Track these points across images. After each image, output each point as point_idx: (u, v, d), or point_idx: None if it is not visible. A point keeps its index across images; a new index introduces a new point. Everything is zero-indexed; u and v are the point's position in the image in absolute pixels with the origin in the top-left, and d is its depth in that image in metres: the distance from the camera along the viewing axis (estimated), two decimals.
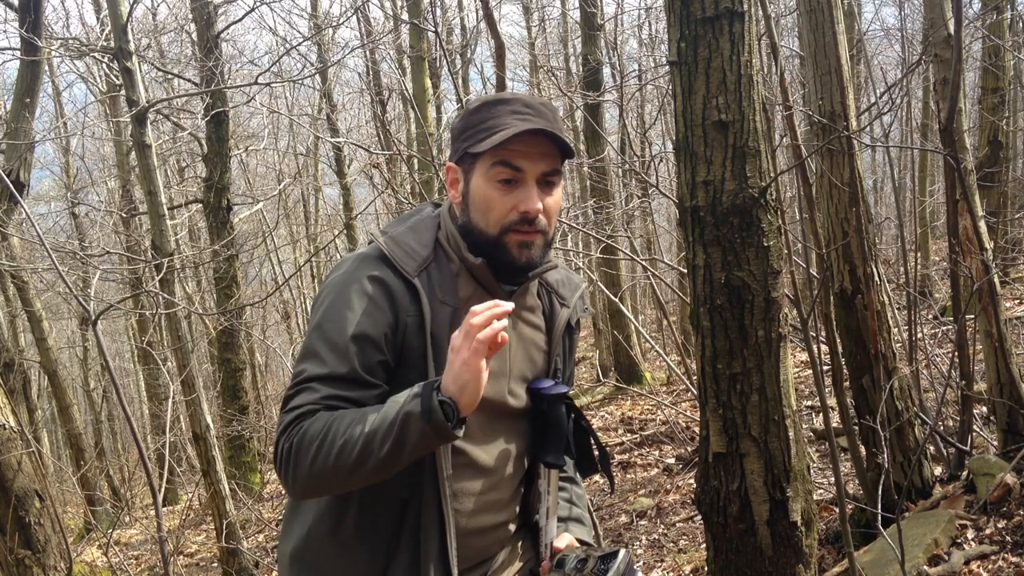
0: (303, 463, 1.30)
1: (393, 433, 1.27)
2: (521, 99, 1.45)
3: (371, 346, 1.36)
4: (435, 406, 1.26)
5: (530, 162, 1.41)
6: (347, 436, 1.28)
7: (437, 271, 1.45)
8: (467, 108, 1.49)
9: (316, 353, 1.36)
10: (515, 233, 1.42)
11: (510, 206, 1.41)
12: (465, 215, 1.46)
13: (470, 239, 1.46)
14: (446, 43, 11.65)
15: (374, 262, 1.43)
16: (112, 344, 18.16)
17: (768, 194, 2.36)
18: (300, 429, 1.31)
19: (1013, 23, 8.08)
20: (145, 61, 9.96)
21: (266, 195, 13.90)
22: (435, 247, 1.48)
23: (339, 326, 1.36)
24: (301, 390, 1.35)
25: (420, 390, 1.30)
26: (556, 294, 1.61)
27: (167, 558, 3.17)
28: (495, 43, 4.00)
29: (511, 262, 1.43)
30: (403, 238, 1.47)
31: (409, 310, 1.39)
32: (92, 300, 6.18)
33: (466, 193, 1.46)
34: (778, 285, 2.40)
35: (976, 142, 7.32)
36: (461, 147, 1.46)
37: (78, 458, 10.73)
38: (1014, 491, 3.41)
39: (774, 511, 2.44)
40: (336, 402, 1.34)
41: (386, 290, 1.39)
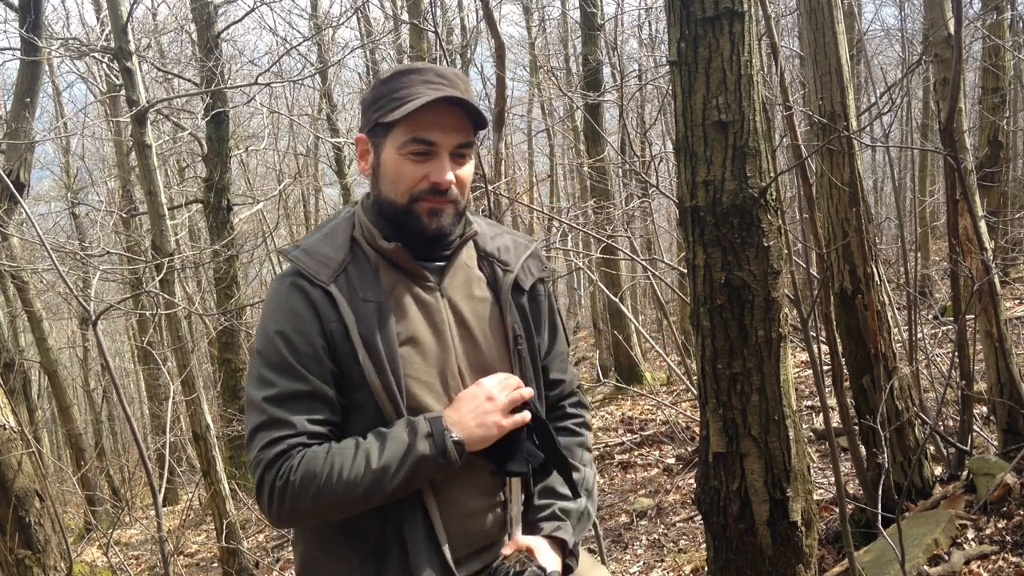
0: (302, 498, 1.32)
1: (404, 471, 1.32)
2: (433, 69, 1.42)
3: (312, 359, 1.37)
4: (451, 449, 1.34)
5: (443, 134, 1.40)
6: (353, 474, 1.32)
7: (356, 270, 1.44)
8: (378, 78, 1.46)
9: (264, 378, 1.37)
10: (425, 201, 1.41)
11: (421, 175, 1.40)
12: (376, 187, 1.46)
13: (382, 212, 1.45)
14: (446, 43, 11.64)
15: (292, 278, 1.42)
16: (112, 344, 18.17)
17: (768, 194, 2.36)
18: (291, 467, 1.32)
19: (1013, 23, 8.08)
20: (145, 61, 9.96)
21: (266, 195, 13.90)
22: (351, 246, 1.46)
23: (274, 346, 1.37)
24: (269, 422, 1.35)
25: (430, 429, 1.34)
26: (498, 261, 1.56)
27: (167, 558, 3.17)
28: (495, 43, 4.00)
29: (421, 230, 1.42)
30: (316, 247, 1.46)
31: (331, 317, 1.39)
32: (92, 300, 6.17)
33: (376, 166, 1.45)
34: (778, 285, 2.40)
35: (976, 142, 7.32)
36: (371, 118, 1.44)
37: (78, 458, 10.73)
38: (1014, 491, 3.41)
39: (774, 511, 2.44)
40: (311, 427, 1.35)
41: (308, 302, 1.39)
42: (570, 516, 1.55)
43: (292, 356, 1.36)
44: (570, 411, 1.66)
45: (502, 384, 1.41)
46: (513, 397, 1.40)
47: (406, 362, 1.41)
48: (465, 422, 1.37)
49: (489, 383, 1.41)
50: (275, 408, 1.35)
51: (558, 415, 1.65)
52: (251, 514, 7.34)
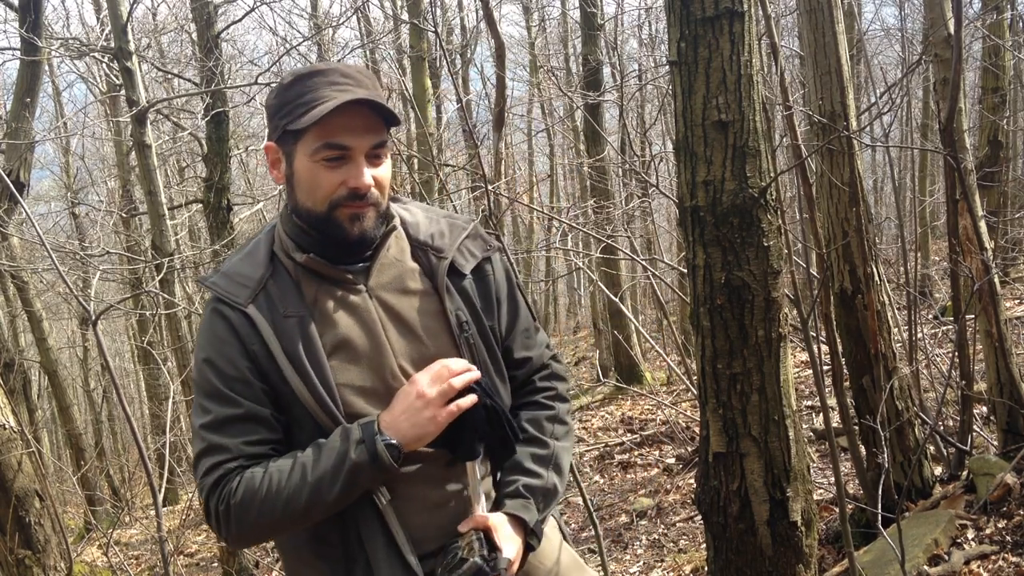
0: (245, 520, 1.33)
1: (340, 481, 1.31)
2: (338, 69, 1.38)
3: (241, 383, 1.36)
4: (382, 452, 1.31)
5: (355, 137, 1.35)
6: (290, 489, 1.31)
7: (276, 286, 1.41)
8: (281, 83, 1.41)
9: (201, 406, 1.38)
10: (344, 207, 1.37)
11: (338, 182, 1.36)
12: (292, 197, 1.42)
13: (301, 221, 1.42)
14: (446, 43, 11.65)
15: (213, 304, 1.42)
16: (112, 344, 18.17)
17: (768, 194, 2.36)
18: (231, 489, 1.33)
19: (1013, 23, 8.08)
20: (145, 61, 9.96)
21: (266, 195, 13.89)
22: (271, 262, 1.44)
23: (204, 374, 1.38)
24: (208, 448, 1.36)
25: (361, 435, 1.32)
26: (432, 249, 1.50)
27: (167, 558, 3.17)
28: (495, 43, 4.00)
29: (344, 237, 1.39)
30: (234, 269, 1.44)
31: (252, 339, 1.37)
32: (92, 300, 6.18)
33: (290, 175, 1.40)
34: (778, 285, 2.40)
35: (976, 142, 7.32)
36: (279, 124, 1.38)
37: (78, 458, 10.72)
38: (1014, 491, 3.41)
39: (774, 511, 2.44)
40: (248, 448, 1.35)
41: (228, 327, 1.38)
42: (534, 493, 1.50)
43: (220, 382, 1.36)
44: (540, 385, 1.61)
45: (434, 377, 1.37)
46: (444, 389, 1.36)
47: (338, 371, 1.39)
48: (398, 423, 1.35)
49: (421, 378, 1.38)
50: (212, 434, 1.35)
51: (528, 390, 1.60)
52: None
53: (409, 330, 1.45)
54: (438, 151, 11.35)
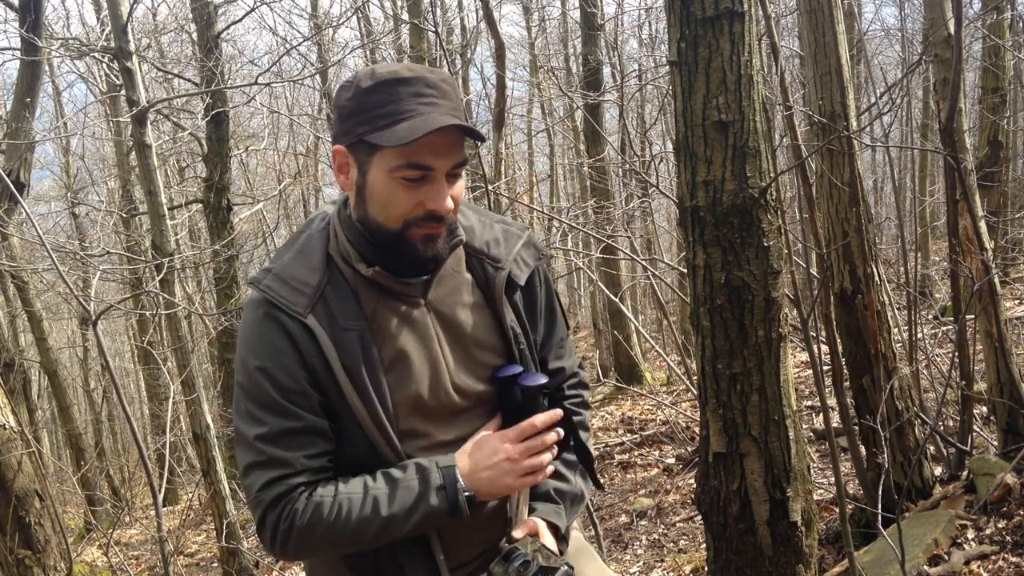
0: (308, 542, 1.31)
1: (413, 522, 1.30)
2: (423, 77, 1.28)
3: (298, 395, 1.31)
4: (463, 505, 1.31)
5: (439, 158, 1.28)
6: (360, 521, 1.29)
7: (335, 293, 1.34)
8: (358, 84, 1.30)
9: (252, 414, 1.32)
10: (419, 227, 1.31)
11: (415, 202, 1.30)
12: (361, 208, 1.34)
13: (368, 233, 1.34)
14: (446, 43, 11.64)
15: (265, 308, 1.33)
16: (112, 344, 18.17)
17: (768, 194, 2.36)
18: (296, 510, 1.30)
19: (1013, 23, 8.08)
20: (145, 61, 9.96)
21: (266, 195, 13.90)
22: (327, 265, 1.36)
23: (257, 383, 1.31)
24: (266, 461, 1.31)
25: (444, 483, 1.30)
26: (488, 258, 1.44)
27: (167, 558, 3.17)
28: (495, 43, 4.00)
29: (417, 257, 1.33)
30: (289, 270, 1.35)
31: (311, 351, 1.31)
32: (92, 300, 6.17)
33: (362, 185, 1.32)
34: (778, 285, 2.40)
35: (976, 142, 7.31)
36: (355, 131, 1.30)
37: (78, 458, 10.73)
38: (1014, 491, 3.41)
39: (774, 511, 2.44)
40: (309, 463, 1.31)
41: (285, 335, 1.31)
42: (564, 498, 1.50)
43: (278, 393, 1.30)
44: (568, 392, 1.60)
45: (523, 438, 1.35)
46: (533, 463, 1.34)
47: (393, 387, 1.35)
48: (478, 477, 1.33)
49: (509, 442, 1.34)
50: (269, 447, 1.30)
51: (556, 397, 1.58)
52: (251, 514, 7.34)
53: (464, 345, 1.42)
54: None
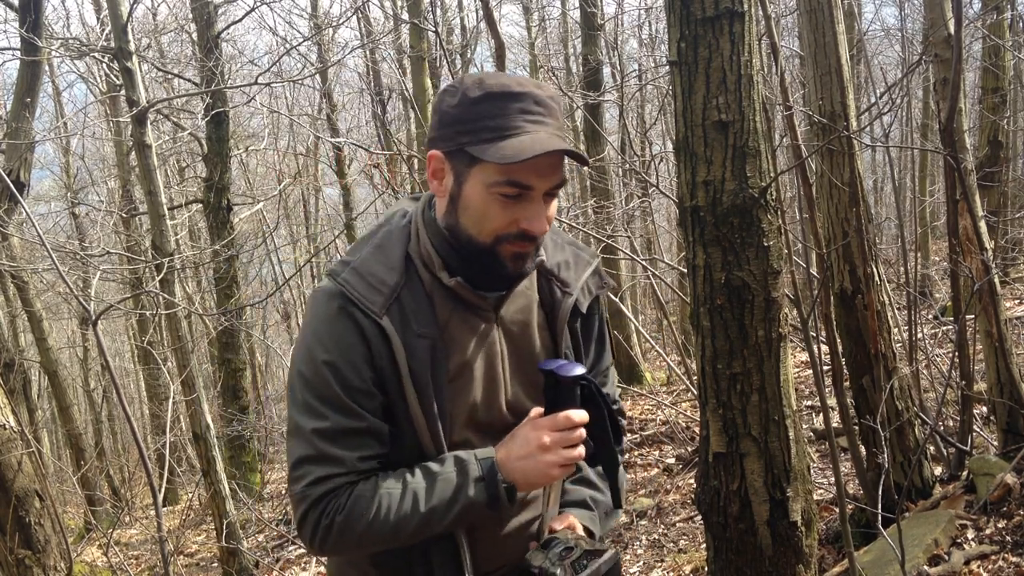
0: (349, 539, 1.29)
1: (453, 516, 1.29)
2: (531, 94, 1.26)
3: (362, 394, 1.29)
4: (502, 496, 1.29)
5: (540, 179, 1.26)
6: (400, 516, 1.28)
7: (410, 296, 1.31)
8: (464, 93, 1.27)
9: (311, 406, 1.30)
10: (511, 244, 1.29)
11: (510, 219, 1.27)
12: (452, 217, 1.31)
13: (454, 243, 1.32)
14: (446, 43, 11.64)
15: (339, 302, 1.30)
16: (112, 344, 18.17)
17: (768, 194, 2.36)
18: (338, 507, 1.28)
19: (1013, 23, 8.08)
20: (145, 61, 9.96)
21: (266, 195, 13.90)
22: (406, 266, 1.34)
23: (323, 377, 1.29)
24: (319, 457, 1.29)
25: (483, 473, 1.29)
26: (557, 280, 1.43)
27: (167, 558, 3.17)
28: (495, 43, 4.00)
29: (504, 273, 1.31)
30: (367, 266, 1.32)
31: (382, 351, 1.29)
32: (92, 300, 6.17)
33: (456, 195, 1.29)
34: (778, 285, 2.40)
35: (976, 142, 7.32)
36: (457, 140, 1.27)
37: (78, 458, 10.73)
38: (1014, 491, 3.41)
39: (774, 511, 2.44)
40: (361, 464, 1.30)
41: (358, 333, 1.29)
42: (599, 507, 1.49)
43: (343, 391, 1.28)
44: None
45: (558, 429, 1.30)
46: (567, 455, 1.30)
47: (453, 398, 1.34)
48: (513, 468, 1.30)
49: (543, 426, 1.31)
50: (325, 443, 1.28)
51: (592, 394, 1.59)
52: (251, 514, 7.35)
53: (524, 366, 1.41)
54: None
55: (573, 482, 1.52)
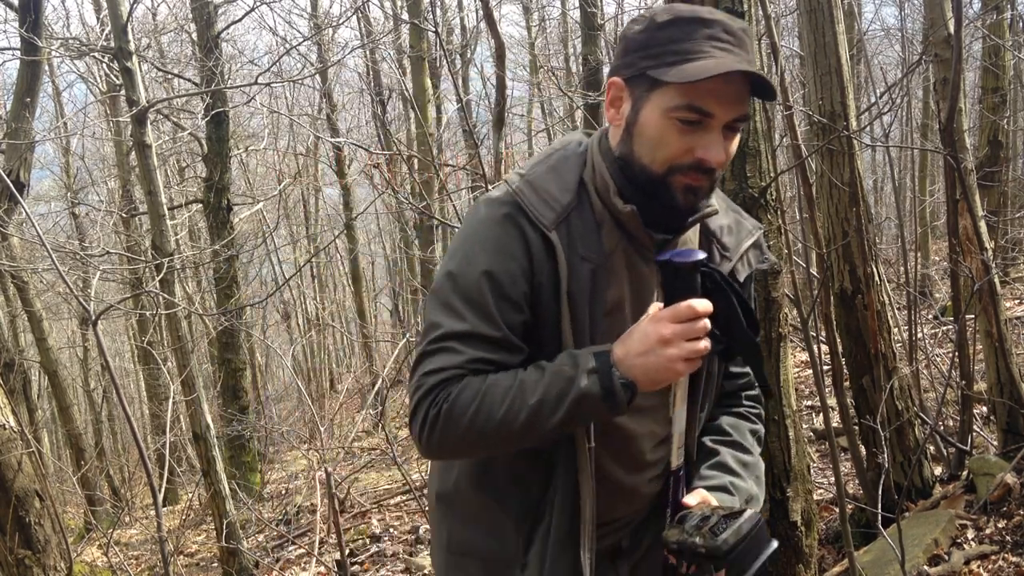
0: (454, 430, 1.23)
1: (564, 408, 1.19)
2: (722, 22, 1.20)
3: (511, 304, 1.24)
4: (618, 390, 1.18)
5: (722, 106, 1.19)
6: (509, 406, 1.21)
7: (579, 220, 1.27)
8: (652, 19, 1.23)
9: (453, 307, 1.25)
10: (684, 175, 1.22)
11: (686, 148, 1.20)
12: (626, 145, 1.26)
13: (627, 173, 1.26)
14: (446, 43, 11.65)
15: (509, 210, 1.26)
16: (112, 344, 18.17)
17: (768, 194, 2.36)
18: (448, 395, 1.23)
19: (1013, 23, 8.08)
20: (145, 61, 9.97)
21: (266, 195, 13.91)
22: (579, 190, 1.29)
23: (474, 278, 1.24)
24: (442, 349, 1.25)
25: (596, 365, 1.19)
26: (718, 243, 1.37)
27: (167, 558, 3.17)
28: (495, 43, 4.00)
29: (674, 207, 1.25)
30: (542, 181, 1.29)
31: (544, 267, 1.24)
32: (92, 300, 6.17)
33: (632, 122, 1.24)
34: (778, 285, 2.40)
35: (976, 142, 7.32)
36: (638, 65, 1.22)
37: (78, 458, 10.72)
38: (1014, 491, 3.41)
39: (774, 511, 2.43)
40: (481, 366, 1.25)
41: (523, 244, 1.25)
42: (739, 494, 1.39)
43: (492, 296, 1.23)
44: (746, 402, 1.53)
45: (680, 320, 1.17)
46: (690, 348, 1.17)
47: (606, 332, 1.27)
48: (632, 364, 1.19)
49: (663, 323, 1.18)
50: (456, 342, 1.24)
51: (733, 403, 1.52)
52: (251, 514, 7.34)
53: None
54: (438, 151, 11.35)
55: (710, 467, 1.42)
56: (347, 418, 11.70)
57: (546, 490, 1.33)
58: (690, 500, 1.33)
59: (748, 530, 1.21)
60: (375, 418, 10.50)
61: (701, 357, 1.19)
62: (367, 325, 14.87)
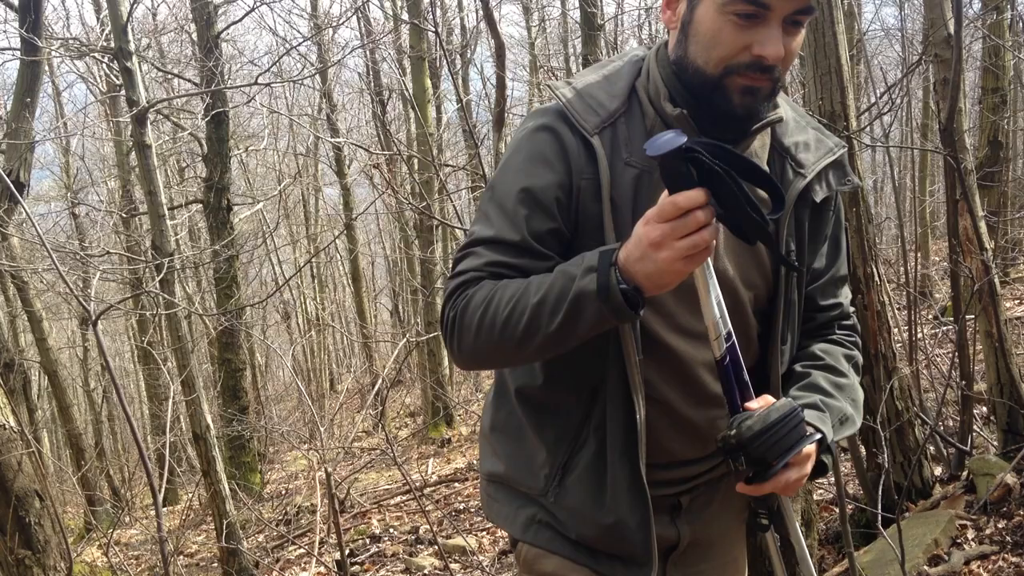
0: (467, 334, 1.21)
1: (564, 308, 1.13)
2: None
3: (540, 211, 1.21)
4: (614, 289, 1.09)
5: None
6: (512, 307, 1.17)
7: (626, 126, 1.23)
8: None
9: (486, 214, 1.25)
10: (740, 76, 1.16)
11: (742, 45, 1.14)
12: (681, 47, 1.20)
13: (682, 77, 1.21)
14: (446, 43, 11.65)
15: (551, 116, 1.24)
16: (112, 344, 18.16)
17: None
18: (464, 297, 1.22)
19: (1013, 23, 8.08)
20: (145, 61, 9.98)
21: (266, 195, 13.92)
22: (629, 97, 1.25)
23: (507, 188, 1.23)
24: (468, 254, 1.25)
25: (596, 262, 1.12)
26: (792, 159, 1.29)
27: (167, 558, 3.17)
28: (495, 43, 4.00)
29: (729, 110, 1.18)
30: (590, 89, 1.26)
31: (584, 172, 1.21)
32: (92, 300, 6.17)
33: (688, 21, 1.19)
34: None
35: (976, 142, 7.32)
36: None
37: (78, 458, 10.72)
38: (1014, 491, 3.41)
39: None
40: (501, 269, 1.22)
41: (559, 148, 1.22)
42: (832, 411, 1.30)
43: (524, 207, 1.21)
44: (839, 332, 1.43)
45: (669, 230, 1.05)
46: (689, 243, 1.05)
47: None
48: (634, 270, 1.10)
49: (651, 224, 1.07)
50: (481, 247, 1.23)
51: (826, 332, 1.42)
52: (251, 514, 7.34)
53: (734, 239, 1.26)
54: (438, 151, 11.36)
55: (800, 388, 1.33)
56: (347, 418, 11.71)
57: (588, 417, 1.29)
58: (752, 405, 1.19)
59: (776, 419, 1.12)
60: (375, 418, 10.50)
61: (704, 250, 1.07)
62: (367, 325, 14.89)
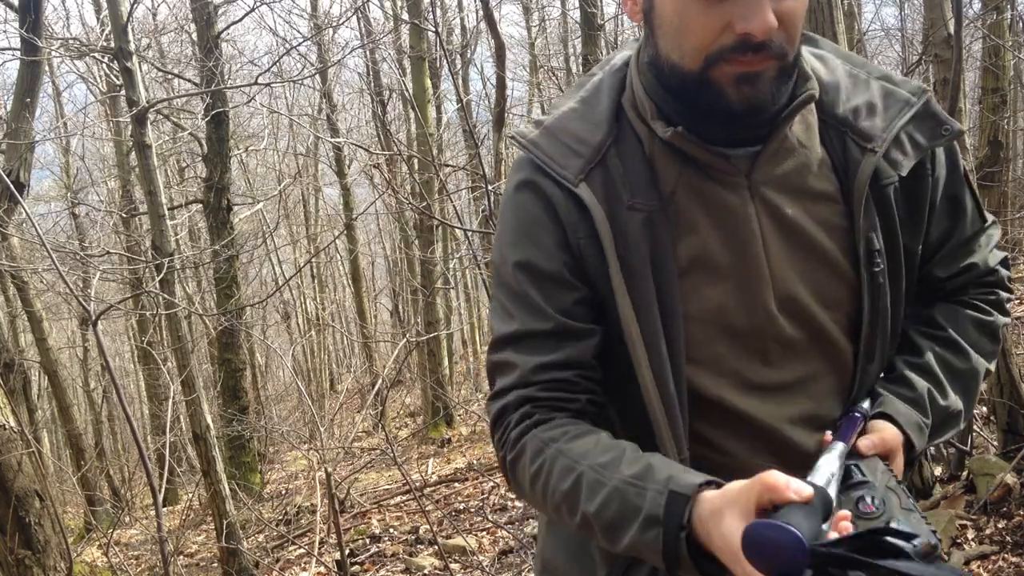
0: (521, 492, 1.04)
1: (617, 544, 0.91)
2: None
3: (553, 284, 0.99)
4: (683, 556, 0.84)
5: None
6: (564, 498, 0.95)
7: (621, 159, 0.99)
8: None
9: (501, 304, 1.04)
10: (728, 64, 0.90)
11: (719, 26, 0.88)
12: (651, 45, 0.96)
13: (661, 80, 0.97)
14: (446, 43, 11.65)
15: (528, 169, 1.02)
16: (112, 344, 18.16)
17: None
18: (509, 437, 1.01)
19: (1013, 23, 8.08)
20: (145, 61, 9.98)
21: (266, 195, 13.93)
22: (616, 120, 1.01)
23: (510, 271, 1.02)
24: (498, 364, 1.04)
25: (663, 515, 0.84)
26: (852, 132, 0.99)
27: (167, 558, 3.17)
28: (495, 43, 4.00)
29: (725, 108, 0.92)
30: (563, 123, 1.02)
31: (579, 229, 0.98)
32: (92, 300, 6.17)
33: (648, 10, 0.95)
34: None
35: (976, 142, 7.32)
36: None
37: (78, 458, 10.72)
38: (1014, 491, 3.42)
39: None
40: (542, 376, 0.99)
41: (546, 205, 1.00)
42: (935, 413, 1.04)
43: (532, 283, 1.00)
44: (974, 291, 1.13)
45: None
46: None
47: (689, 296, 0.98)
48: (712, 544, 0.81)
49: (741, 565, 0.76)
50: (510, 351, 1.02)
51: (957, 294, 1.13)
52: (251, 514, 7.35)
53: (802, 251, 0.99)
54: (438, 151, 11.36)
55: (911, 368, 1.06)
56: (347, 418, 11.71)
57: None
58: (863, 443, 0.95)
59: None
60: (375, 418, 10.50)
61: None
62: (367, 325, 14.89)
